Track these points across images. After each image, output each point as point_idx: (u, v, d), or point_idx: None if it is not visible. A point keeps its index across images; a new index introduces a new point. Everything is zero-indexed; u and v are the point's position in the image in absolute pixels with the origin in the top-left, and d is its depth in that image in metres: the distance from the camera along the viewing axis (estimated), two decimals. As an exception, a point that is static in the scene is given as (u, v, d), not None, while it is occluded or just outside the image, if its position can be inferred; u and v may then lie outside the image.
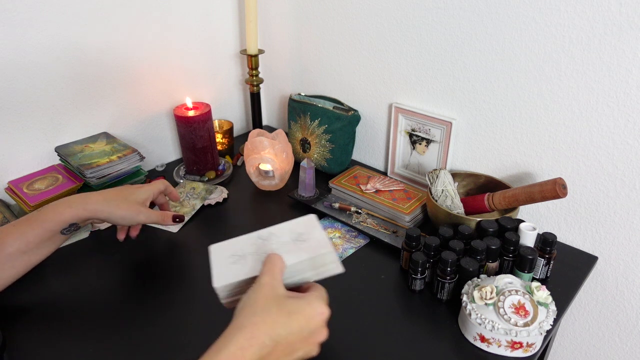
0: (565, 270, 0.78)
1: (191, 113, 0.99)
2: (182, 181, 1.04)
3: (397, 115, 0.99)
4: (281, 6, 1.14)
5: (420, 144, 0.98)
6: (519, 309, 0.62)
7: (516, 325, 0.60)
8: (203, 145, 1.02)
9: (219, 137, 1.16)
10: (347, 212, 0.92)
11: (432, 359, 0.63)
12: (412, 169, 1.02)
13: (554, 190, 0.72)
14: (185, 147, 1.03)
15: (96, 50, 0.95)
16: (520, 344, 0.61)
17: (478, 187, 0.90)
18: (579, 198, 0.82)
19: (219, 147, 1.16)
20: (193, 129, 0.99)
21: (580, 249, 0.84)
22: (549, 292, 0.64)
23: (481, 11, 0.80)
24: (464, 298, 0.65)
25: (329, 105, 1.03)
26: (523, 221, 0.76)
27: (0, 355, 0.63)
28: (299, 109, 1.07)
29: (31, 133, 0.92)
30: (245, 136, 1.31)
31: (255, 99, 1.18)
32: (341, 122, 1.02)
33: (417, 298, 0.73)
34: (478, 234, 0.76)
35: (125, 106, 1.05)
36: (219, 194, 0.99)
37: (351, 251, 0.83)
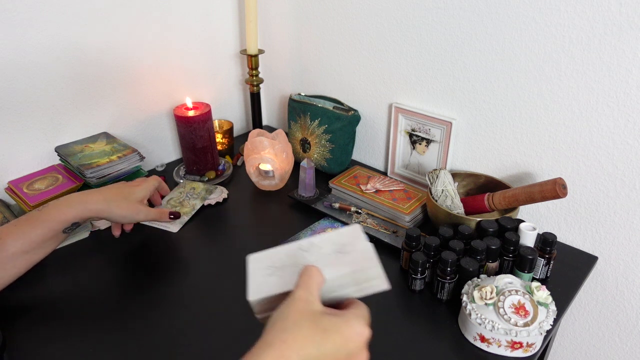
0: (565, 270, 0.78)
1: (191, 113, 0.99)
2: (182, 181, 1.04)
3: (397, 115, 0.99)
4: (281, 6, 1.14)
5: (420, 144, 0.98)
6: (519, 309, 0.62)
7: (516, 325, 0.60)
8: (203, 145, 1.02)
9: (219, 137, 1.16)
10: (347, 212, 0.92)
11: (432, 359, 0.63)
12: (412, 169, 1.02)
13: (554, 190, 0.72)
14: (185, 147, 1.03)
15: (96, 50, 0.95)
16: (520, 344, 0.61)
17: (478, 187, 0.90)
18: (579, 198, 0.82)
19: (219, 147, 1.16)
20: (193, 129, 0.99)
21: (580, 249, 0.84)
22: (549, 292, 0.64)
23: (481, 11, 0.80)
24: (464, 298, 0.65)
25: (329, 105, 1.03)
26: (523, 221, 0.76)
27: (0, 355, 0.63)
28: (299, 109, 1.07)
29: (31, 133, 0.92)
30: (245, 136, 1.31)
31: (255, 99, 1.18)
32: (341, 122, 1.02)
33: (417, 298, 0.73)
34: (478, 234, 0.76)
35: (125, 106, 1.05)
36: (219, 194, 0.99)
37: (351, 251, 0.83)
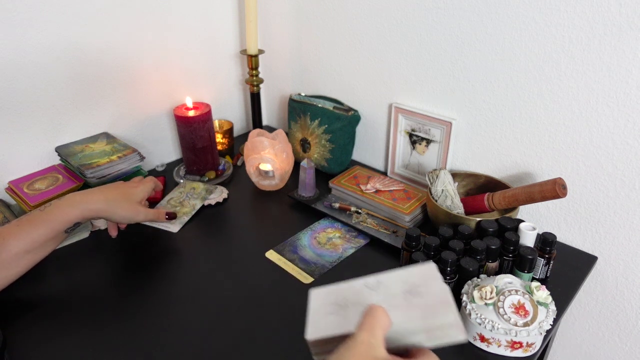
0: (565, 270, 0.78)
1: (191, 113, 0.99)
2: (182, 181, 1.04)
3: (397, 115, 0.99)
4: (281, 6, 1.14)
5: (420, 144, 0.98)
6: (519, 308, 0.62)
7: (516, 325, 0.60)
8: (203, 145, 1.02)
9: (219, 137, 1.16)
10: (347, 212, 0.92)
11: (432, 358, 0.63)
12: (412, 169, 1.02)
13: (554, 190, 0.72)
14: (185, 147, 1.03)
15: (96, 50, 0.95)
16: (520, 343, 0.61)
17: (478, 187, 0.90)
18: (579, 198, 0.82)
19: (219, 147, 1.16)
20: (193, 129, 0.99)
21: (580, 249, 0.84)
22: (549, 292, 0.64)
23: (481, 11, 0.80)
24: (464, 298, 0.65)
25: (329, 105, 1.03)
26: (523, 221, 0.76)
27: (1, 354, 0.63)
28: (299, 109, 1.07)
29: (31, 133, 0.92)
30: (245, 136, 1.31)
31: (255, 99, 1.18)
32: (341, 122, 1.02)
33: (417, 298, 0.73)
34: (478, 234, 0.76)
35: (125, 106, 1.05)
36: (219, 194, 0.99)
37: (351, 251, 0.83)
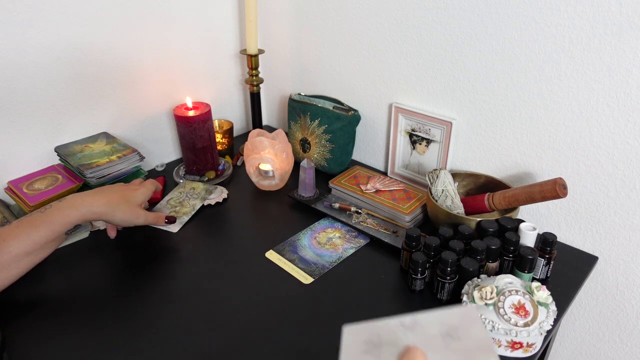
0: (565, 270, 0.78)
1: (191, 113, 0.99)
2: (182, 181, 1.04)
3: (397, 115, 0.99)
4: (281, 6, 1.14)
5: (420, 144, 0.98)
6: (519, 309, 0.62)
7: (516, 325, 0.60)
8: (203, 145, 1.02)
9: (219, 137, 1.16)
10: (347, 212, 0.92)
11: (432, 359, 0.63)
12: (412, 169, 1.02)
13: (554, 190, 0.72)
14: (185, 147, 1.03)
15: (96, 50, 0.95)
16: (521, 344, 0.61)
17: (478, 187, 0.90)
18: (579, 198, 0.82)
19: (219, 147, 1.16)
20: (193, 129, 0.99)
21: (580, 249, 0.84)
22: (549, 292, 0.64)
23: (481, 11, 0.80)
24: (464, 298, 0.65)
25: (329, 105, 1.03)
26: (523, 221, 0.76)
27: (0, 354, 0.63)
28: (299, 109, 1.07)
29: (31, 133, 0.92)
30: (245, 136, 1.31)
31: (255, 99, 1.18)
32: (341, 122, 1.02)
33: (417, 298, 0.73)
34: (478, 234, 0.76)
35: (125, 106, 1.05)
36: (219, 194, 0.99)
37: (351, 251, 0.83)
